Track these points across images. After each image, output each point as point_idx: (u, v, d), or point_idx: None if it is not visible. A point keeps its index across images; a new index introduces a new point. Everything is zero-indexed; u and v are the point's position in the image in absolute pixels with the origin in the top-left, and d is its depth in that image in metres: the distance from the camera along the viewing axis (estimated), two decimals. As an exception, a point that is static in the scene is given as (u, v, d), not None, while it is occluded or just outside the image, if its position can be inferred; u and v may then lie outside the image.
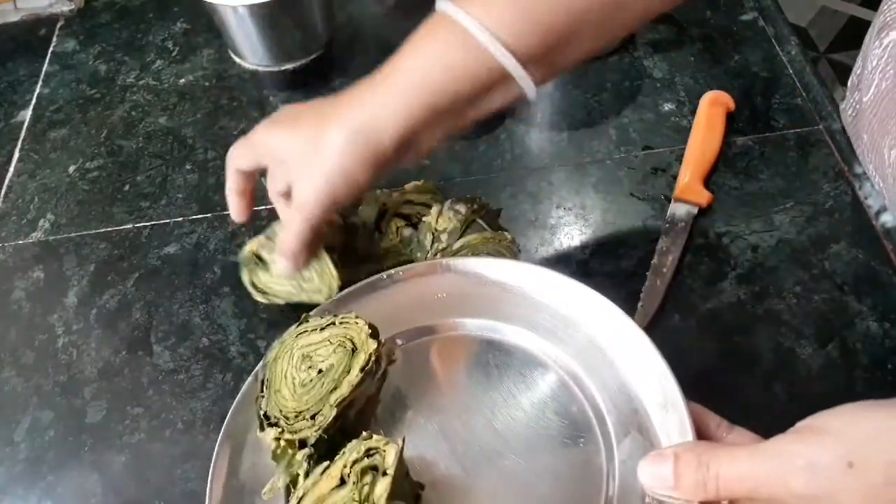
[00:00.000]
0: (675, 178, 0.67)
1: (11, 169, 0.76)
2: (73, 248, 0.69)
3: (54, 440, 0.58)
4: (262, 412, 0.45)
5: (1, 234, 0.71)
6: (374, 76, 0.50)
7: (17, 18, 0.91)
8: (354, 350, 0.45)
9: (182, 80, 0.82)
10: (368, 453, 0.40)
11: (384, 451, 0.40)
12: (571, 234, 0.65)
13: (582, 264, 0.63)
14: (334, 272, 0.54)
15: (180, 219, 0.70)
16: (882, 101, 0.62)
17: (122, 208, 0.72)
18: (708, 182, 0.67)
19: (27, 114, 0.81)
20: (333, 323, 0.46)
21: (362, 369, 0.44)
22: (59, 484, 0.56)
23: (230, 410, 0.48)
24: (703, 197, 0.65)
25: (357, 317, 0.46)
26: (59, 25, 0.90)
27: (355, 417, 0.45)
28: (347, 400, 0.44)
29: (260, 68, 0.77)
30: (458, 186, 0.69)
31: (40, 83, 0.84)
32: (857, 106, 0.67)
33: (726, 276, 0.61)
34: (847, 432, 0.33)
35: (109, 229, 0.70)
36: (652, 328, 0.59)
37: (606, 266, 0.63)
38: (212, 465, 0.46)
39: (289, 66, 0.77)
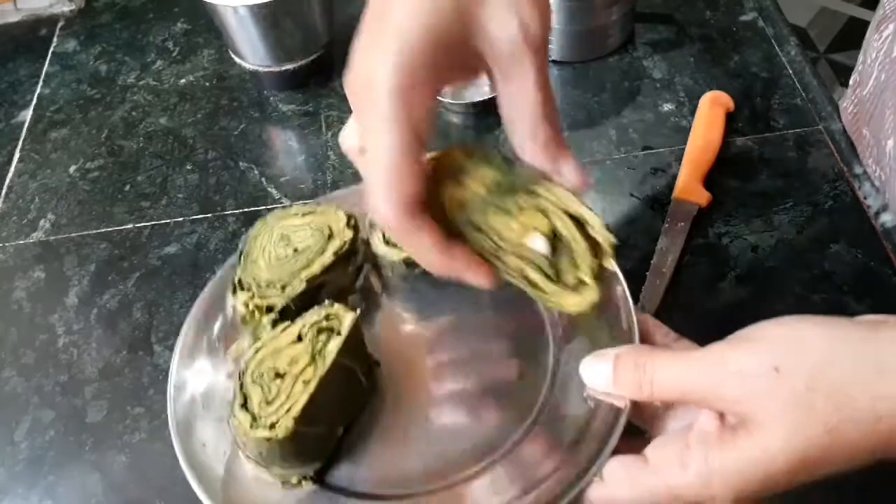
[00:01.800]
0: (674, 178, 0.67)
1: (12, 169, 0.76)
2: (73, 248, 0.69)
3: (55, 440, 0.58)
4: (236, 278, 0.47)
5: (1, 234, 0.71)
6: None
7: (17, 18, 0.91)
8: (331, 236, 0.48)
9: (182, 81, 0.82)
10: (328, 318, 0.43)
11: (342, 316, 0.43)
12: (571, 234, 0.65)
13: (582, 264, 0.63)
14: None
15: (181, 219, 0.70)
16: (882, 93, 0.62)
17: (123, 208, 0.72)
18: (707, 182, 0.67)
19: (28, 114, 0.81)
20: (314, 211, 0.49)
21: (335, 253, 0.47)
22: (59, 484, 0.56)
23: (210, 281, 0.51)
24: (703, 197, 0.65)
25: (339, 208, 0.49)
26: (59, 26, 0.90)
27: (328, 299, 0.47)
28: (318, 279, 0.46)
29: (260, 68, 0.77)
30: (459, 186, 0.69)
31: (41, 83, 0.84)
32: (857, 101, 0.67)
33: (726, 276, 0.62)
34: (776, 340, 0.34)
35: (110, 229, 0.70)
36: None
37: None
38: (184, 324, 0.49)
39: (289, 67, 0.77)
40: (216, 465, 0.43)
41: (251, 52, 0.76)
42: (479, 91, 0.77)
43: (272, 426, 0.39)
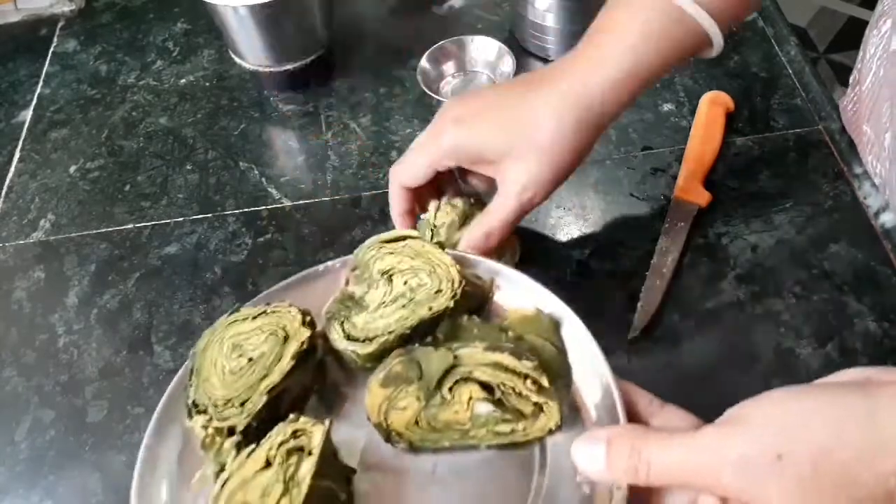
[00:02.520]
0: (674, 178, 0.67)
1: (12, 169, 0.76)
2: (73, 248, 0.70)
3: (55, 440, 0.58)
4: (190, 400, 0.44)
5: (2, 234, 0.71)
6: (567, 56, 0.52)
7: (17, 19, 0.91)
8: (287, 338, 0.45)
9: (182, 81, 0.82)
10: (295, 435, 0.40)
11: (310, 432, 0.40)
12: (571, 234, 0.66)
13: (582, 264, 0.63)
14: (447, 259, 0.47)
15: (181, 219, 0.70)
16: (881, 88, 0.62)
17: (123, 208, 0.72)
18: (707, 182, 0.67)
19: (28, 114, 0.81)
20: (265, 312, 0.46)
21: (294, 357, 0.44)
22: (59, 483, 0.56)
23: (161, 401, 0.46)
24: (703, 197, 0.65)
25: (291, 305, 0.46)
26: (59, 26, 0.90)
27: (289, 406, 0.45)
28: (279, 388, 0.43)
29: (260, 69, 0.77)
30: (459, 186, 0.69)
31: (41, 83, 0.84)
32: (857, 98, 0.67)
33: (726, 276, 0.62)
34: (775, 423, 0.33)
35: (110, 229, 0.70)
36: (652, 328, 0.59)
37: (606, 266, 0.63)
38: (139, 457, 0.44)
39: (289, 67, 0.77)
40: None
41: (251, 52, 0.76)
42: (479, 91, 0.77)
43: None
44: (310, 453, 0.39)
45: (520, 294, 0.47)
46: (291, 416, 0.41)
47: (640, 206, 0.67)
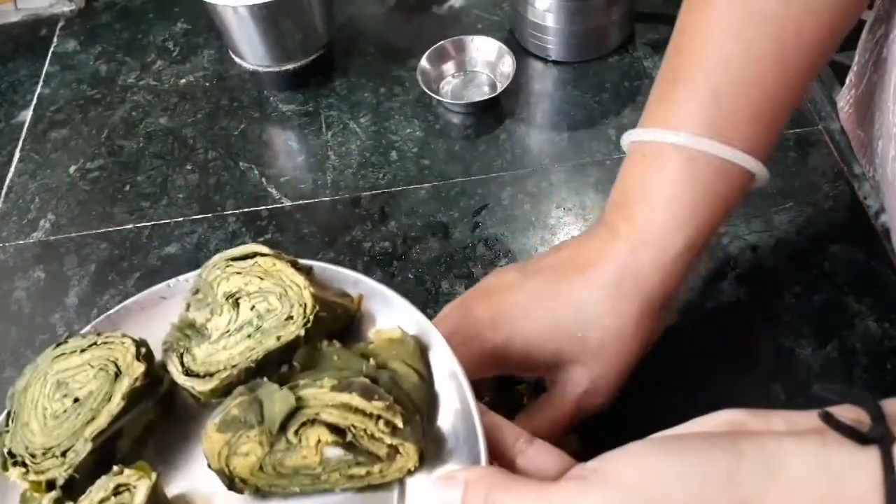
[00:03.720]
0: (674, 178, 0.67)
1: (12, 169, 0.76)
2: (73, 248, 0.69)
3: (55, 440, 0.58)
4: (5, 449, 0.39)
5: (2, 234, 0.71)
6: (598, 229, 0.47)
7: (17, 19, 0.91)
8: (118, 374, 0.39)
9: (182, 81, 0.82)
10: (117, 491, 0.36)
11: (134, 486, 0.36)
12: (571, 234, 0.65)
13: (582, 264, 0.63)
14: (300, 280, 0.42)
15: (181, 219, 0.70)
16: (872, 94, 0.62)
17: (123, 208, 0.72)
18: (707, 182, 0.67)
19: (28, 114, 0.81)
20: (96, 343, 0.40)
21: (125, 396, 0.38)
22: (60, 484, 0.56)
23: None
24: (703, 197, 0.65)
25: (125, 335, 0.41)
26: (59, 26, 0.90)
27: (131, 448, 0.40)
28: (107, 432, 0.38)
29: (260, 68, 0.77)
30: (459, 186, 0.69)
31: (41, 83, 0.84)
32: (853, 101, 0.67)
33: (726, 276, 0.62)
34: (633, 484, 0.31)
35: (110, 229, 0.70)
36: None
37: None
38: None
39: (289, 67, 0.77)
40: None
41: (251, 52, 0.76)
42: (480, 91, 0.77)
43: None
44: None
45: (390, 312, 0.43)
46: (115, 468, 0.37)
47: (640, 206, 0.67)
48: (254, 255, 0.43)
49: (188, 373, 0.40)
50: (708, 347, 0.58)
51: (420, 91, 0.75)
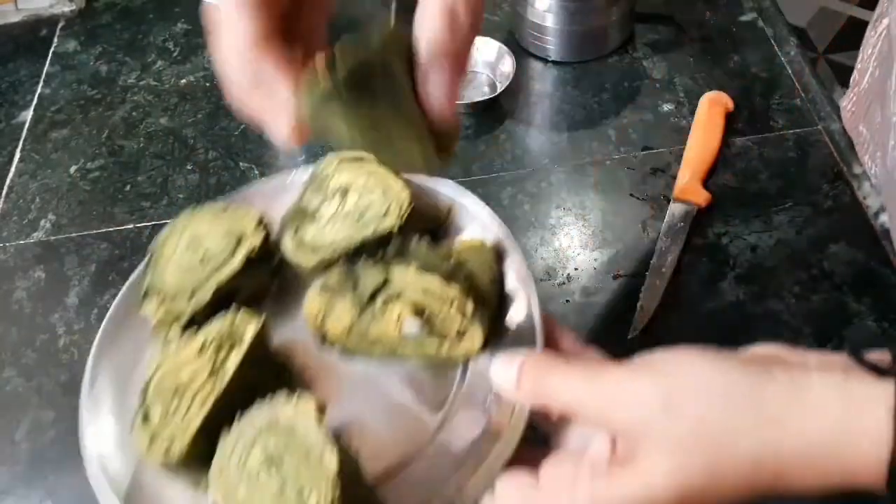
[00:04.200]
0: (674, 178, 0.68)
1: (13, 169, 0.76)
2: (74, 248, 0.70)
3: (55, 440, 0.58)
4: (145, 285, 0.46)
5: (2, 234, 0.71)
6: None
7: (18, 19, 0.91)
8: (241, 239, 0.46)
9: (183, 81, 0.82)
10: (230, 327, 0.42)
11: (244, 325, 0.42)
12: (571, 234, 0.66)
13: (581, 264, 0.63)
14: (399, 184, 0.47)
15: (181, 219, 0.70)
16: (875, 87, 0.63)
17: (124, 208, 0.72)
18: (707, 182, 0.67)
19: (28, 114, 0.81)
20: (225, 212, 0.48)
21: (244, 258, 0.45)
22: (60, 483, 0.56)
23: (126, 284, 0.48)
24: (703, 197, 0.65)
25: (250, 208, 0.48)
26: (60, 26, 0.90)
27: (242, 304, 0.45)
28: (227, 286, 0.45)
29: (260, 69, 0.77)
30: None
31: (41, 84, 0.84)
32: (856, 98, 0.67)
33: (725, 276, 0.62)
34: (672, 375, 0.34)
35: (110, 229, 0.70)
36: (652, 328, 0.59)
37: (606, 266, 0.63)
38: (98, 335, 0.46)
39: (289, 67, 0.77)
40: (124, 469, 0.42)
41: (251, 52, 0.76)
42: (479, 91, 0.77)
43: (167, 450, 0.38)
44: (239, 344, 0.41)
45: (476, 224, 0.49)
46: (232, 309, 0.43)
47: (639, 206, 0.67)
48: (362, 158, 0.49)
49: (298, 247, 0.47)
50: (708, 347, 0.58)
51: (420, 91, 0.75)
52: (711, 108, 0.71)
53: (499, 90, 0.75)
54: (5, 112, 0.82)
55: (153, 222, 0.71)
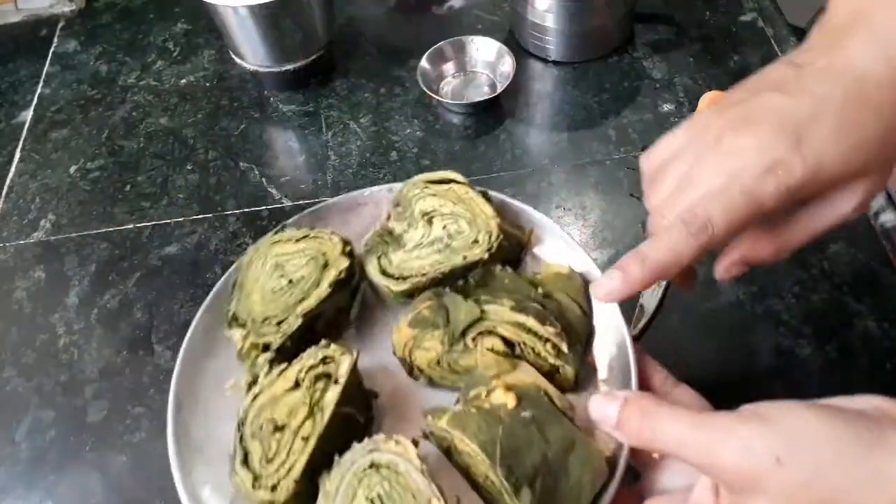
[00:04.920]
0: (674, 178, 0.67)
1: (13, 169, 0.76)
2: (74, 248, 0.70)
3: (55, 440, 0.58)
4: (231, 312, 0.46)
5: (2, 234, 0.71)
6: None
7: (18, 19, 0.92)
8: (326, 264, 0.46)
9: (183, 81, 0.82)
10: (324, 361, 0.42)
11: (339, 360, 0.42)
12: (571, 234, 0.65)
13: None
14: (489, 210, 0.48)
15: (181, 219, 0.70)
16: None
17: (123, 208, 0.72)
18: (707, 182, 0.67)
19: (28, 114, 0.81)
20: (308, 236, 0.47)
21: (331, 284, 0.45)
22: (60, 483, 0.56)
23: (203, 305, 0.48)
24: (703, 197, 0.65)
25: (333, 232, 0.48)
26: (60, 26, 0.90)
27: (323, 328, 0.46)
28: (314, 312, 0.45)
29: (260, 69, 0.77)
30: (459, 187, 0.69)
31: (41, 84, 0.84)
32: None
33: (726, 276, 0.62)
34: (784, 427, 0.34)
35: (110, 229, 0.70)
36: (652, 328, 0.59)
37: (606, 266, 0.63)
38: (179, 358, 0.46)
39: (289, 67, 0.77)
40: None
41: (251, 52, 0.76)
42: (479, 91, 0.77)
43: (273, 488, 0.38)
44: (336, 381, 0.41)
45: (557, 249, 0.48)
46: (323, 341, 0.43)
47: (639, 206, 0.67)
48: (449, 181, 0.49)
49: (384, 273, 0.47)
50: (708, 347, 0.58)
51: (420, 91, 0.75)
52: (711, 108, 0.71)
53: (499, 90, 0.75)
54: (5, 112, 0.82)
55: (153, 222, 0.71)
